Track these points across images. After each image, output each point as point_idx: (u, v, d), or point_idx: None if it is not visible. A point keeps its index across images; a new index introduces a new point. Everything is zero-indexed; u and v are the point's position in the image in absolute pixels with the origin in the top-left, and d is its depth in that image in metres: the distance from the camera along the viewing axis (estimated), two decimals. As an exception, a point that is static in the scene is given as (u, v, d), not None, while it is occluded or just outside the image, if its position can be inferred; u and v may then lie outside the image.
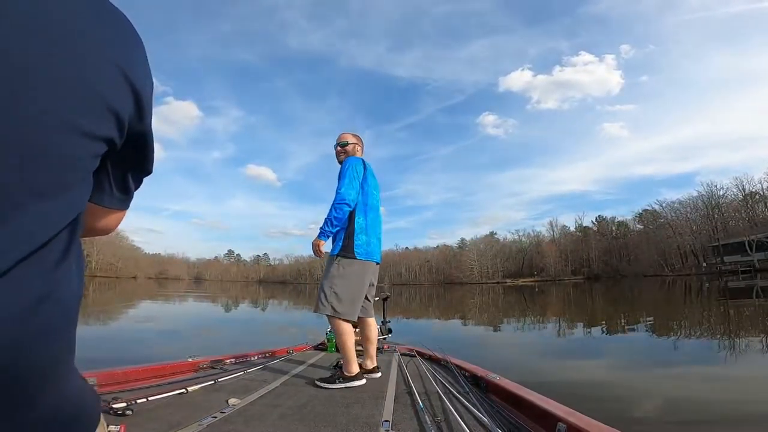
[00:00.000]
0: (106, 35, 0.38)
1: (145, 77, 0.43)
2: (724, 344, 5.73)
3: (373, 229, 2.28)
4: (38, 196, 0.31)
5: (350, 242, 2.17)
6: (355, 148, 2.45)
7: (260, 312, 15.48)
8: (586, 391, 3.47)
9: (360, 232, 2.20)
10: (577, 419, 1.17)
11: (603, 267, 66.02)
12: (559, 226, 78.11)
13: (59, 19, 0.34)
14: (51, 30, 0.33)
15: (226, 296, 26.80)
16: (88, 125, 0.35)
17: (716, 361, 4.67)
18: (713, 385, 3.70)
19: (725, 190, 55.14)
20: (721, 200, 54.62)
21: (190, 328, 8.72)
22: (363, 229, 2.21)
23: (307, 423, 1.43)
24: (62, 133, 0.33)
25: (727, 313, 9.87)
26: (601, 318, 10.29)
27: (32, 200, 0.31)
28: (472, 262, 78.78)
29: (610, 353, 5.52)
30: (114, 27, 0.40)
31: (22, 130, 0.30)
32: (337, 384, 2.00)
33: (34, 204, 0.31)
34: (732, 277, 32.48)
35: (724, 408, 2.99)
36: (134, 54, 0.42)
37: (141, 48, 0.43)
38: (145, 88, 0.43)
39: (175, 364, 2.24)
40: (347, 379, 2.01)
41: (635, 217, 69.47)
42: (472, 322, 10.76)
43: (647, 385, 3.69)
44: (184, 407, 1.55)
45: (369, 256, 2.21)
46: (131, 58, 0.41)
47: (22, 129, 0.30)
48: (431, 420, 1.40)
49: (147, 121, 0.44)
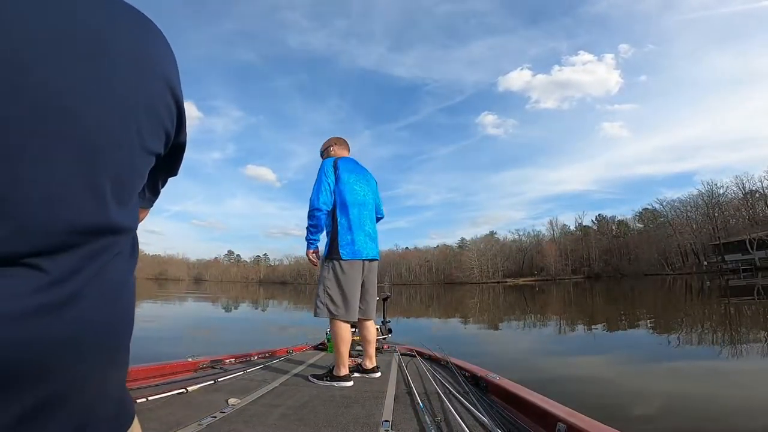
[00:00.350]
0: (158, 54, 0.42)
1: (181, 91, 0.46)
2: (726, 344, 5.73)
3: (360, 225, 2.21)
4: (126, 202, 0.39)
5: (335, 244, 2.18)
6: (328, 150, 2.44)
7: (260, 312, 15.49)
8: (586, 391, 3.47)
9: (343, 232, 2.18)
10: (577, 419, 1.17)
11: (603, 266, 65.99)
12: (560, 225, 78.23)
13: (128, 48, 0.38)
14: (131, 64, 0.38)
15: (226, 297, 26.82)
16: (154, 145, 0.42)
17: (717, 361, 4.67)
18: (714, 384, 3.70)
19: (725, 188, 55.16)
20: (721, 199, 54.55)
21: (190, 328, 8.72)
22: (346, 228, 2.19)
23: (307, 423, 1.43)
24: (144, 155, 0.40)
25: (728, 312, 9.86)
26: (602, 317, 10.29)
27: (132, 198, 0.40)
28: (472, 261, 78.70)
29: (610, 353, 5.52)
30: (160, 44, 0.44)
31: (126, 153, 0.37)
32: (324, 381, 2.06)
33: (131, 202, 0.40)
34: (733, 276, 32.44)
35: (725, 407, 2.98)
36: (175, 69, 0.46)
37: (175, 60, 0.47)
38: (183, 102, 0.47)
39: (175, 364, 2.24)
40: (334, 378, 2.06)
41: (635, 216, 69.60)
42: (472, 322, 10.75)
43: (648, 384, 3.69)
44: (184, 407, 1.55)
45: (355, 254, 2.17)
46: (174, 74, 0.45)
47: (126, 152, 0.37)
48: (431, 420, 1.40)
49: (185, 134, 0.49)
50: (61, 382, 0.30)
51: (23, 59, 0.31)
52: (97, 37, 0.36)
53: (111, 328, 0.35)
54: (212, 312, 14.64)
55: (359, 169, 2.38)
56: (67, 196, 0.32)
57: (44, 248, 0.30)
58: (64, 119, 0.32)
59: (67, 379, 0.31)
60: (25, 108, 0.30)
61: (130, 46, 0.38)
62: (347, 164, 2.31)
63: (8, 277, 0.28)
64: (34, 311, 0.28)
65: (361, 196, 2.27)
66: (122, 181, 0.37)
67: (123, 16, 0.40)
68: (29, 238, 0.29)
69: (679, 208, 59.86)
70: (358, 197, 2.25)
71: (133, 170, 0.39)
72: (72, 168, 0.32)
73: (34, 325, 0.28)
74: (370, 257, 2.26)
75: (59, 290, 0.30)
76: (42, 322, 0.28)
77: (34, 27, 0.31)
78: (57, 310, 0.29)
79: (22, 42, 0.31)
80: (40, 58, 0.31)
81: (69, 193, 0.32)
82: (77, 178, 0.33)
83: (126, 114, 0.37)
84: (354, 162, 2.39)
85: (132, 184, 0.40)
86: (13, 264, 0.28)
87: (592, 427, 1.11)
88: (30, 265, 0.29)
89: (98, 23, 0.36)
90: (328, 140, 2.51)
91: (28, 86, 0.31)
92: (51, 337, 0.29)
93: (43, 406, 0.29)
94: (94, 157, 0.34)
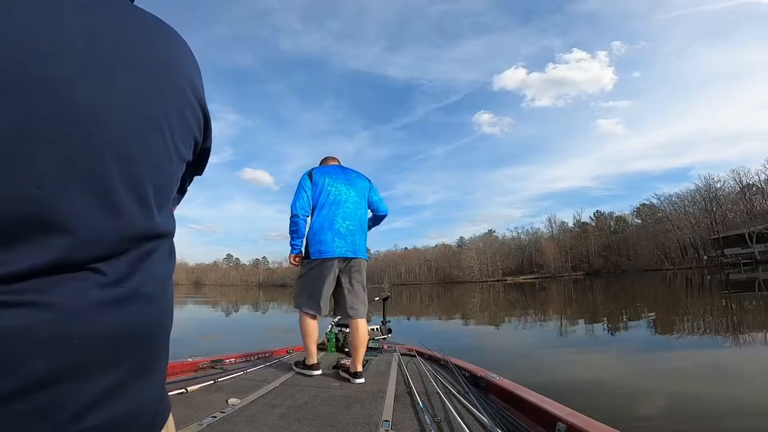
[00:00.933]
0: (184, 62, 0.44)
1: (205, 98, 0.48)
2: (727, 340, 5.73)
3: (329, 225, 2.26)
4: (165, 207, 0.42)
5: (307, 245, 2.34)
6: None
7: (261, 315, 15.47)
8: (586, 391, 3.48)
9: (311, 233, 2.31)
10: (577, 419, 1.17)
11: (603, 262, 66.01)
12: (558, 222, 78.22)
13: (156, 57, 0.40)
14: (160, 73, 0.40)
15: (227, 300, 26.77)
16: (185, 153, 0.45)
17: (719, 358, 4.68)
18: (716, 382, 3.70)
19: (723, 182, 55.09)
20: (719, 193, 54.50)
21: (191, 333, 8.70)
22: (315, 229, 2.30)
23: (307, 423, 1.42)
24: (178, 162, 0.43)
25: (729, 307, 9.85)
26: (603, 314, 10.29)
27: (168, 203, 0.43)
28: (471, 260, 78.67)
29: (611, 351, 5.53)
30: (185, 52, 0.45)
31: (163, 161, 0.40)
32: (296, 368, 2.33)
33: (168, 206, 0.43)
34: (733, 270, 32.37)
35: (726, 406, 2.98)
36: (200, 77, 0.47)
37: (199, 68, 0.49)
38: (208, 108, 0.48)
39: (175, 364, 2.24)
40: (305, 367, 2.30)
41: (633, 211, 69.60)
42: (472, 321, 10.75)
43: (648, 383, 3.70)
44: (184, 407, 1.55)
45: (321, 254, 2.25)
46: (199, 81, 0.47)
47: (163, 161, 0.40)
48: (431, 420, 1.40)
49: (211, 139, 0.51)
50: (123, 370, 0.34)
51: (52, 76, 0.32)
52: (126, 46, 0.37)
53: (159, 320, 0.39)
54: (212, 316, 14.60)
55: (338, 171, 2.43)
56: (117, 207, 0.35)
57: (102, 256, 0.33)
58: (105, 133, 0.34)
59: (127, 368, 0.34)
60: (62, 125, 0.32)
61: (157, 55, 0.40)
62: (323, 169, 2.42)
63: (75, 279, 0.32)
64: (98, 307, 0.32)
65: (333, 196, 2.31)
66: (161, 189, 0.40)
67: (149, 25, 0.41)
68: (88, 248, 0.32)
69: (677, 203, 59.88)
70: (329, 198, 2.31)
71: (170, 177, 0.42)
72: (118, 181, 0.35)
73: (100, 319, 0.32)
74: (342, 255, 2.25)
75: (118, 289, 0.34)
76: (105, 317, 0.33)
77: (61, 37, 0.33)
78: (116, 306, 0.34)
79: (47, 57, 0.32)
80: (71, 74, 0.33)
81: (119, 204, 0.35)
82: (124, 190, 0.35)
83: (159, 123, 0.39)
84: (333, 167, 2.47)
85: (169, 190, 0.43)
86: (80, 269, 0.32)
87: (592, 427, 1.11)
88: (92, 269, 0.33)
89: (126, 32, 0.38)
90: (321, 160, 2.65)
91: (62, 103, 0.32)
92: (113, 330, 0.33)
93: (108, 393, 0.32)
94: (136, 169, 0.37)
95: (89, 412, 0.31)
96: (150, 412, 0.37)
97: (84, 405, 0.30)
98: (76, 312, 0.31)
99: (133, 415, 0.35)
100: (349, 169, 2.51)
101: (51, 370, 0.29)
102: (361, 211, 2.40)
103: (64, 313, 0.30)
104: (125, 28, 0.38)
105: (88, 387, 0.31)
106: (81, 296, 0.31)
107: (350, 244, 2.28)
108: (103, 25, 0.36)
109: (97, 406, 0.31)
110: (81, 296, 0.31)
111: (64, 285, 0.31)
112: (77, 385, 0.30)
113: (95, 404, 0.31)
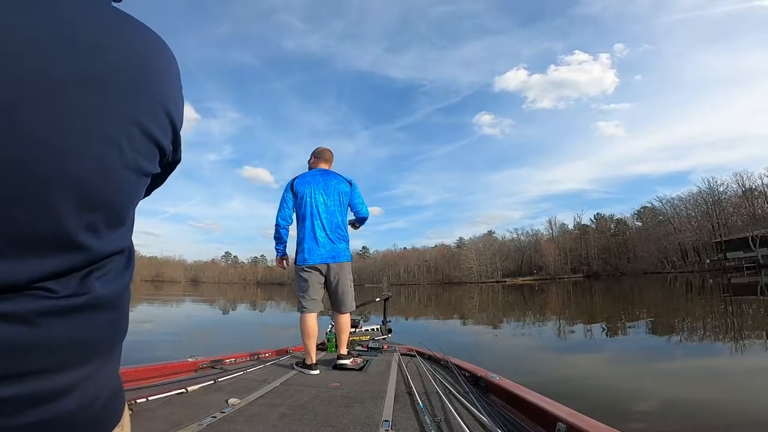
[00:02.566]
0: (157, 72, 0.42)
1: (181, 109, 0.46)
2: (727, 343, 5.74)
3: (310, 235, 2.54)
4: (122, 224, 0.41)
5: (295, 252, 2.61)
6: (309, 165, 2.79)
7: (258, 314, 15.47)
8: (586, 391, 3.48)
9: (298, 242, 2.60)
10: (577, 419, 1.17)
11: (603, 265, 65.95)
12: (558, 224, 78.20)
13: (123, 67, 0.38)
14: (125, 86, 0.38)
15: (224, 298, 26.74)
16: (148, 166, 0.42)
17: (718, 360, 4.69)
18: (713, 384, 3.71)
19: (725, 186, 54.72)
20: (722, 196, 54.16)
21: (189, 331, 8.70)
22: (299, 239, 2.59)
23: (307, 423, 1.42)
24: (138, 177, 0.41)
25: (730, 311, 9.85)
26: (602, 317, 10.31)
27: (126, 219, 0.42)
28: (471, 261, 78.73)
29: (610, 352, 5.54)
30: (161, 61, 0.43)
31: (120, 180, 0.39)
32: (296, 368, 2.41)
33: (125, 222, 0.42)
34: (736, 274, 32.31)
35: (726, 407, 2.99)
36: (174, 85, 0.45)
37: (178, 76, 0.46)
38: (181, 122, 0.46)
39: (175, 364, 2.24)
40: (304, 366, 2.39)
41: (634, 214, 69.47)
42: (471, 322, 10.77)
43: (648, 384, 3.71)
44: (184, 407, 1.55)
45: (305, 261, 2.53)
46: (173, 92, 0.44)
47: (121, 179, 0.39)
48: (431, 420, 1.40)
49: (180, 152, 0.49)
50: (72, 375, 0.36)
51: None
52: (84, 55, 0.34)
53: (112, 327, 0.40)
54: (210, 314, 14.60)
55: (318, 180, 2.63)
56: (62, 237, 0.34)
57: (50, 276, 0.34)
58: (52, 157, 0.32)
59: (79, 369, 0.36)
60: (7, 149, 0.30)
61: (122, 64, 0.37)
62: (304, 179, 2.63)
63: (26, 295, 0.32)
64: (51, 317, 0.33)
65: (311, 207, 2.56)
66: (118, 207, 0.39)
67: (118, 29, 0.38)
68: (33, 270, 0.33)
69: (679, 206, 59.62)
70: (308, 209, 2.56)
71: (129, 194, 0.41)
72: (65, 206, 0.34)
73: (52, 329, 0.33)
74: (323, 262, 2.55)
75: (67, 302, 0.35)
76: (57, 326, 0.34)
77: (3, 48, 0.30)
78: (66, 317, 0.35)
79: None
80: (14, 93, 0.30)
81: (63, 234, 0.34)
82: (71, 217, 0.34)
83: (118, 140, 0.37)
84: (314, 174, 2.67)
85: (127, 207, 0.41)
86: (29, 288, 0.33)
87: (592, 427, 1.12)
88: (42, 288, 0.33)
89: (85, 39, 0.35)
90: (312, 153, 2.82)
91: (4, 126, 0.30)
92: (66, 339, 0.35)
93: (61, 389, 0.34)
94: (88, 193, 0.35)
95: (41, 406, 0.33)
96: (98, 407, 0.39)
97: (36, 400, 0.32)
98: (29, 322, 0.32)
99: (84, 407, 0.37)
100: (332, 173, 2.70)
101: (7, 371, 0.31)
102: (340, 217, 2.63)
103: (19, 323, 0.31)
104: (85, 33, 0.35)
105: (43, 384, 0.33)
106: (33, 308, 0.32)
107: (330, 251, 2.56)
108: (59, 29, 0.33)
109: (50, 401, 0.33)
110: (33, 308, 0.32)
111: (16, 300, 0.32)
112: (33, 384, 0.32)
113: (48, 399, 0.33)
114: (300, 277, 2.56)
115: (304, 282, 2.54)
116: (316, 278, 2.55)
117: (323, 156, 2.77)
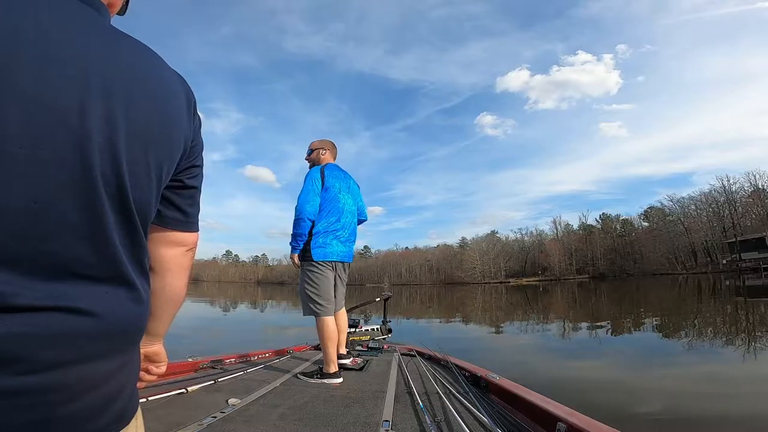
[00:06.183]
0: (175, 106, 0.50)
1: (197, 143, 0.58)
2: (732, 346, 5.68)
3: (334, 231, 2.34)
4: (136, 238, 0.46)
5: (308, 246, 2.31)
6: (318, 154, 2.54)
7: (259, 313, 15.47)
8: (586, 391, 3.47)
9: (316, 235, 2.31)
10: (577, 419, 1.17)
11: (608, 266, 65.14)
12: (563, 224, 77.53)
13: (164, 103, 0.48)
14: (153, 130, 0.45)
15: (225, 297, 26.76)
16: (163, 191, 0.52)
17: (723, 363, 4.64)
18: (717, 388, 3.67)
19: (738, 185, 52.82)
20: (735, 195, 52.46)
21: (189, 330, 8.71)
22: (320, 232, 2.31)
23: (307, 423, 1.43)
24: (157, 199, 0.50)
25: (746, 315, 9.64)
26: (606, 318, 10.21)
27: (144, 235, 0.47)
28: (474, 261, 78.37)
29: (614, 355, 5.49)
30: (184, 98, 0.52)
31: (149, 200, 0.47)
32: (314, 379, 2.14)
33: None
34: (752, 275, 31.55)
35: (727, 408, 2.97)
36: (194, 117, 0.55)
37: (194, 105, 0.55)
38: (198, 150, 0.60)
39: (175, 364, 2.24)
40: (325, 376, 2.15)
41: (640, 214, 68.47)
42: (473, 323, 10.73)
43: (649, 386, 3.68)
44: (184, 407, 1.56)
45: (326, 256, 2.31)
46: (193, 123, 0.55)
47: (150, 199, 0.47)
48: (431, 420, 1.40)
49: (199, 178, 0.64)
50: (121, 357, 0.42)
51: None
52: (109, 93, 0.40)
53: (131, 326, 0.43)
54: (210, 314, 14.61)
55: (343, 176, 2.50)
56: (83, 259, 0.38)
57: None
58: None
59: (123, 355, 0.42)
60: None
61: (155, 94, 0.45)
62: (333, 171, 2.43)
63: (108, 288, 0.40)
64: (125, 309, 0.42)
65: (341, 203, 2.39)
66: (146, 216, 0.47)
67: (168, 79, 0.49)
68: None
69: (689, 206, 58.03)
70: (338, 205, 2.38)
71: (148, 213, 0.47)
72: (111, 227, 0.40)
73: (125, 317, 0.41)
74: (341, 260, 2.42)
75: (142, 295, 0.44)
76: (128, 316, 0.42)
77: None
78: (137, 307, 0.43)
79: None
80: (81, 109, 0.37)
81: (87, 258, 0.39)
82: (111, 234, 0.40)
83: (149, 170, 0.45)
84: (338, 169, 2.51)
85: (146, 221, 0.47)
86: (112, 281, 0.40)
87: (592, 427, 1.11)
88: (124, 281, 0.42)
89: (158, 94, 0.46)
90: (320, 142, 2.59)
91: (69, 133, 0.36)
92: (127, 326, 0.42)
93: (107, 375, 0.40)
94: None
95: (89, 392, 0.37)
96: (125, 397, 0.43)
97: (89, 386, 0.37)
98: (107, 315, 0.38)
99: (111, 397, 0.40)
100: (349, 174, 2.59)
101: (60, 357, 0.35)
102: (356, 218, 2.56)
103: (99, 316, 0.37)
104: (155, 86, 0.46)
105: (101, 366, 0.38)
106: (116, 302, 0.40)
107: (348, 250, 2.46)
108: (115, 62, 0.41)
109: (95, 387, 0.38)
110: (116, 302, 0.40)
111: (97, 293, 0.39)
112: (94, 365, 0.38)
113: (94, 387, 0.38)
114: (316, 274, 2.30)
115: (323, 279, 2.30)
116: (332, 276, 2.38)
117: (335, 151, 2.62)
